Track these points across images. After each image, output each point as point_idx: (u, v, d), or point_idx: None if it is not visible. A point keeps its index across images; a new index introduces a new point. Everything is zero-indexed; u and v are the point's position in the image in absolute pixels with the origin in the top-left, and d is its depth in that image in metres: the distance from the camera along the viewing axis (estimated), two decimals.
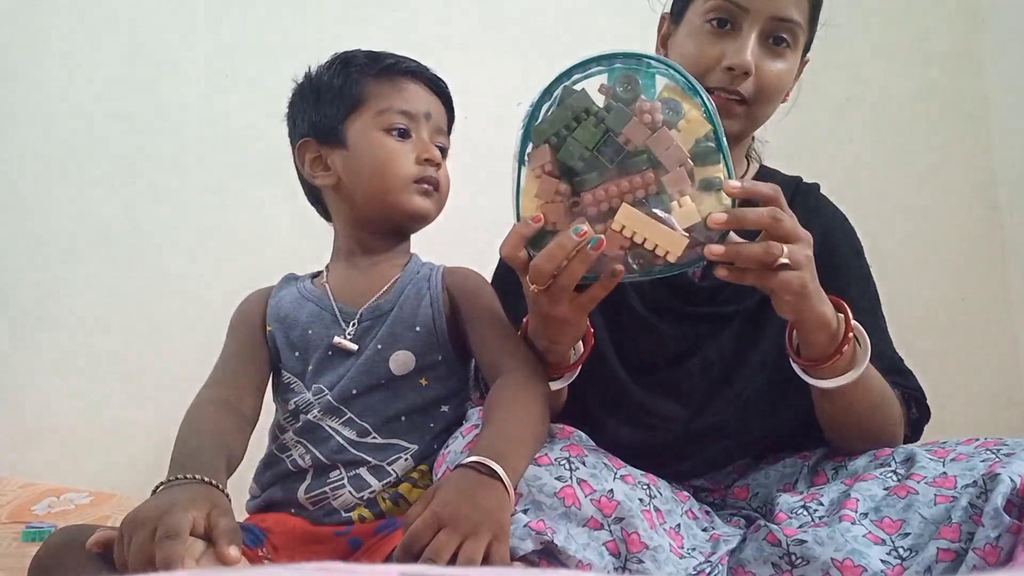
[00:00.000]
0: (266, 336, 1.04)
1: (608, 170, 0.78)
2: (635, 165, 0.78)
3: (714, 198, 0.79)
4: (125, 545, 0.70)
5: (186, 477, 0.78)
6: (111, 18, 1.78)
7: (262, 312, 1.05)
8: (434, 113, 1.05)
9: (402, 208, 1.01)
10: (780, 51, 0.96)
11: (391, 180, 1.00)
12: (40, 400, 1.68)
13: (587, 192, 0.78)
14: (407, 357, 0.98)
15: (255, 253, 1.72)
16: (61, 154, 1.74)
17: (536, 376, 0.90)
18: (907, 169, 1.76)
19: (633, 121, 0.77)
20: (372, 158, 1.01)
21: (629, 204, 0.77)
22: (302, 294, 1.05)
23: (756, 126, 1.03)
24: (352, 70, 1.03)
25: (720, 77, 0.95)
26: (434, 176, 1.02)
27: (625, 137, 0.77)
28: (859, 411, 0.92)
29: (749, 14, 0.94)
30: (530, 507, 0.77)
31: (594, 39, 1.83)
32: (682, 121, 0.78)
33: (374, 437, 0.96)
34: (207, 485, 0.78)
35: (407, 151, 1.01)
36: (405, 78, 1.04)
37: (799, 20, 0.96)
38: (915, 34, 1.78)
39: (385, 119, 1.01)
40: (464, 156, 1.79)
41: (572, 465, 0.81)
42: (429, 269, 1.06)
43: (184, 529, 0.69)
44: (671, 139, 0.77)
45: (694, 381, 1.01)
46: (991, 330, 1.71)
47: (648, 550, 0.78)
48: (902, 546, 0.77)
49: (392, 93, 1.02)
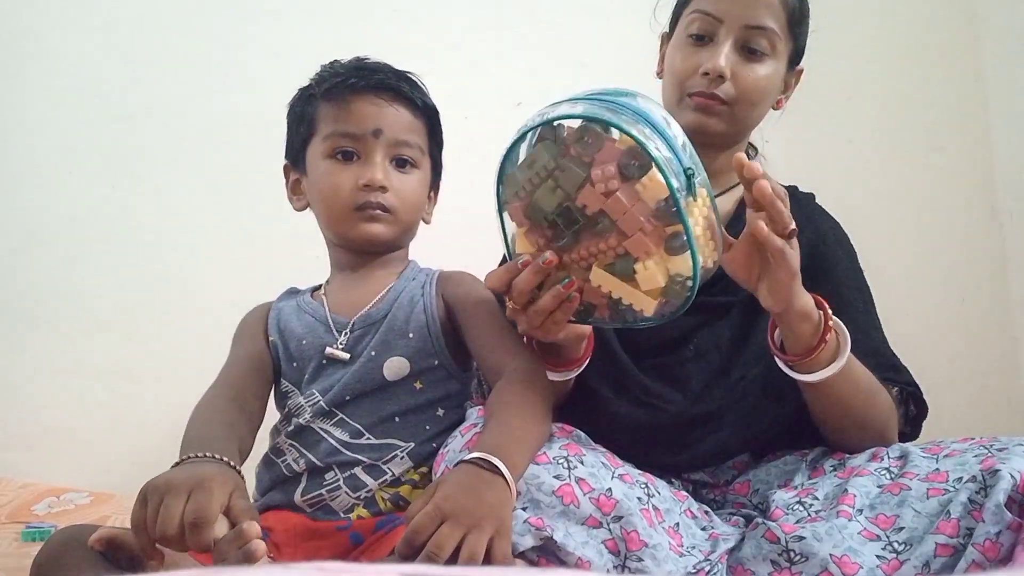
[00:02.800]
0: (269, 346, 1.05)
1: (572, 233, 0.77)
2: (600, 229, 0.76)
3: (682, 257, 0.76)
4: (151, 509, 0.70)
5: (208, 455, 0.79)
6: (111, 18, 1.78)
7: (264, 323, 1.07)
8: (386, 127, 1.00)
9: (349, 235, 1.02)
10: (757, 57, 1.02)
11: (333, 209, 1.01)
12: (40, 400, 1.68)
13: (564, 252, 0.79)
14: (401, 363, 0.98)
15: (255, 253, 1.72)
16: (61, 154, 1.74)
17: (537, 374, 0.91)
18: (907, 169, 1.76)
19: (587, 188, 0.74)
20: (319, 186, 1.02)
21: (600, 268, 0.78)
22: (300, 307, 1.06)
23: (742, 128, 1.07)
24: (309, 93, 1.04)
25: (698, 82, 1.02)
26: (375, 201, 1.00)
27: (583, 202, 0.75)
28: (848, 402, 0.94)
29: (724, 24, 1.01)
30: (528, 505, 0.78)
31: (594, 39, 1.85)
32: (646, 178, 0.73)
33: (368, 437, 0.96)
34: (228, 466, 0.79)
35: (349, 177, 1.00)
36: (352, 96, 1.00)
37: (774, 28, 1.01)
38: (915, 34, 1.78)
39: (329, 144, 1.01)
40: (464, 156, 1.80)
41: (571, 464, 0.81)
42: (425, 275, 1.06)
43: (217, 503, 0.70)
44: (625, 205, 0.73)
45: (689, 368, 1.03)
46: (991, 330, 1.71)
47: (647, 548, 0.78)
48: (897, 540, 0.78)
49: (336, 115, 1.01)
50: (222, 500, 0.71)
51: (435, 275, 1.06)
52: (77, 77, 1.76)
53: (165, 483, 0.71)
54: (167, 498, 0.70)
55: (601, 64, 1.78)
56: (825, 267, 1.05)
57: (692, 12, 1.04)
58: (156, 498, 0.70)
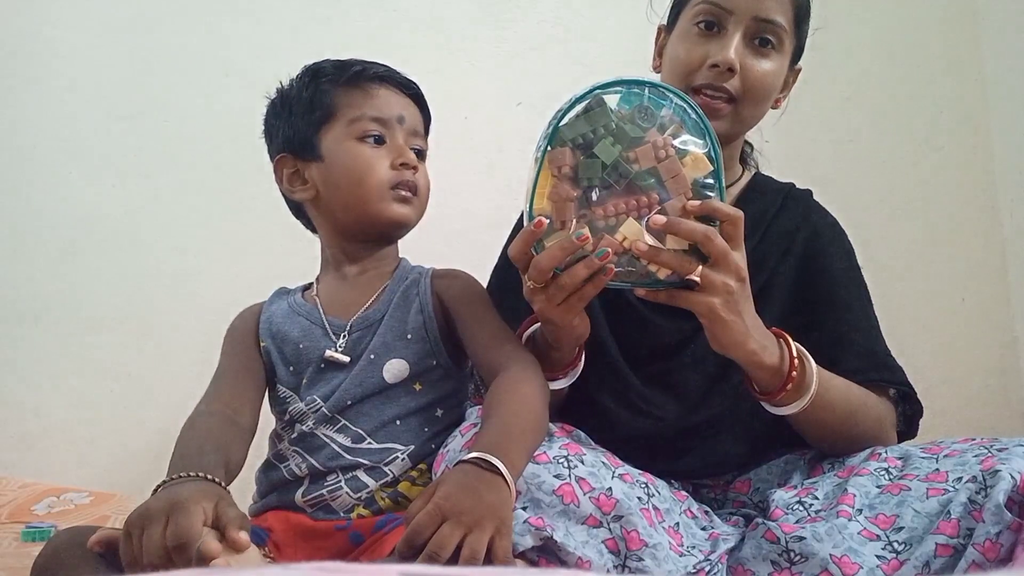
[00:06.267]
0: (260, 352, 1.04)
1: (618, 187, 0.82)
2: (643, 186, 0.82)
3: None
4: (135, 541, 0.69)
5: (188, 475, 0.78)
6: (111, 18, 1.78)
7: (254, 328, 1.05)
8: (407, 116, 1.04)
9: (382, 216, 1.01)
10: (765, 52, 1.00)
11: (369, 188, 1.00)
12: (40, 400, 1.68)
13: (596, 206, 0.82)
14: (401, 365, 0.98)
15: (256, 253, 1.72)
16: (61, 154, 1.74)
17: (533, 372, 0.90)
18: (907, 169, 1.76)
19: (646, 145, 0.82)
20: (348, 168, 1.01)
21: (634, 219, 0.82)
22: (293, 309, 1.05)
23: (744, 127, 1.05)
24: (321, 81, 1.03)
25: (706, 75, 0.99)
26: (411, 180, 1.02)
27: (636, 157, 0.82)
28: (829, 426, 0.95)
29: (734, 15, 0.99)
30: (529, 504, 0.78)
31: (594, 40, 1.85)
32: (688, 158, 0.82)
33: (369, 442, 0.96)
34: (209, 481, 0.78)
35: (382, 157, 1.01)
36: (374, 84, 1.03)
37: (782, 23, 1.00)
38: (915, 34, 1.78)
39: (358, 127, 1.01)
40: (464, 156, 1.80)
41: (571, 463, 0.81)
42: (418, 274, 1.06)
43: (197, 521, 0.69)
44: (679, 168, 0.82)
45: (687, 374, 1.03)
46: (991, 330, 1.71)
47: (648, 548, 0.79)
48: (897, 540, 0.78)
49: (363, 100, 1.02)
50: (203, 516, 0.70)
51: (428, 273, 1.06)
52: (77, 77, 1.76)
53: (141, 514, 0.71)
54: (147, 528, 0.69)
55: (601, 64, 1.78)
56: (821, 265, 1.04)
57: (699, 2, 1.01)
58: (137, 530, 0.70)
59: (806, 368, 0.90)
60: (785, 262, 1.05)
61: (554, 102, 0.84)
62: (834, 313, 1.02)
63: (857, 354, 0.99)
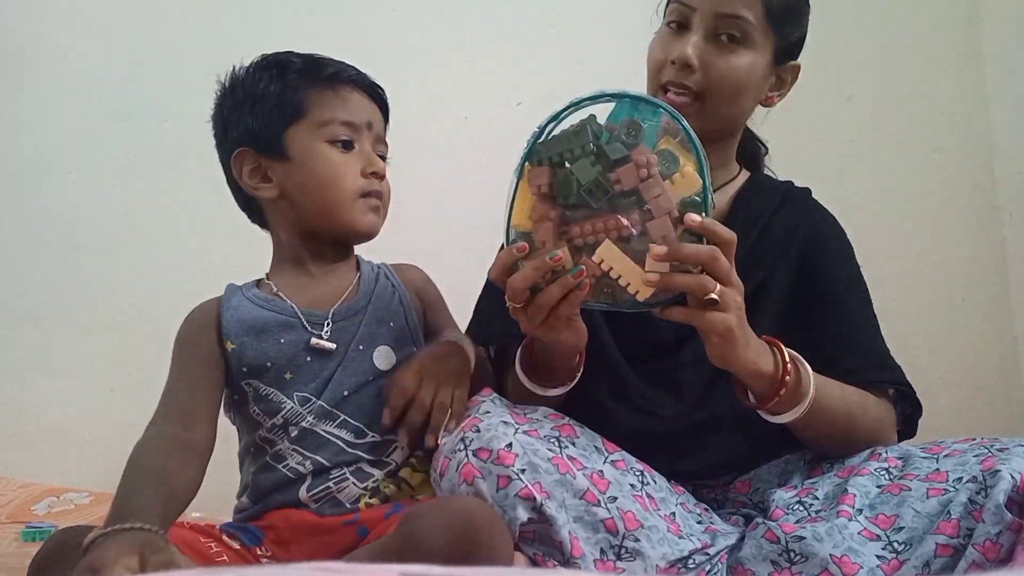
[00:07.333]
0: (224, 353, 0.98)
1: (597, 207, 0.81)
2: (624, 205, 0.80)
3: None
4: None
5: (117, 528, 0.75)
6: (111, 18, 1.78)
7: (215, 328, 0.99)
8: (375, 122, 1.03)
9: (352, 226, 1.01)
10: (731, 47, 0.99)
11: (339, 195, 0.99)
12: (40, 400, 1.68)
13: (575, 224, 0.81)
14: (388, 352, 1.00)
15: (255, 253, 1.71)
16: (61, 153, 1.74)
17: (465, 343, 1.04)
18: (907, 169, 1.76)
19: (629, 165, 0.80)
20: (318, 173, 0.99)
21: (612, 241, 0.81)
22: (257, 303, 1.01)
23: (716, 124, 1.02)
24: (289, 77, 1.01)
25: (668, 71, 1.00)
26: (379, 189, 1.01)
27: (618, 178, 0.80)
28: (825, 432, 0.94)
29: (697, 12, 0.99)
30: (527, 468, 0.79)
31: (593, 41, 1.85)
32: (677, 175, 0.80)
33: (371, 436, 0.96)
34: (137, 530, 0.75)
35: (352, 164, 1.00)
36: (347, 87, 1.01)
37: (748, 17, 0.98)
38: (915, 34, 1.78)
39: (328, 131, 0.99)
40: (464, 156, 1.80)
41: (562, 444, 0.83)
42: (379, 267, 1.08)
43: None
44: (662, 187, 0.80)
45: (687, 372, 1.02)
46: (991, 330, 1.71)
47: (643, 529, 0.79)
48: (897, 540, 0.78)
49: (335, 103, 1.00)
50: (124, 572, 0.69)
51: (388, 267, 1.09)
52: (77, 77, 1.76)
53: None
54: None
55: (601, 64, 1.78)
56: (819, 264, 1.04)
57: (670, 2, 1.03)
58: None
59: (801, 373, 0.89)
60: (783, 261, 1.05)
61: (554, 102, 0.83)
62: (833, 312, 1.02)
63: (856, 353, 0.98)
